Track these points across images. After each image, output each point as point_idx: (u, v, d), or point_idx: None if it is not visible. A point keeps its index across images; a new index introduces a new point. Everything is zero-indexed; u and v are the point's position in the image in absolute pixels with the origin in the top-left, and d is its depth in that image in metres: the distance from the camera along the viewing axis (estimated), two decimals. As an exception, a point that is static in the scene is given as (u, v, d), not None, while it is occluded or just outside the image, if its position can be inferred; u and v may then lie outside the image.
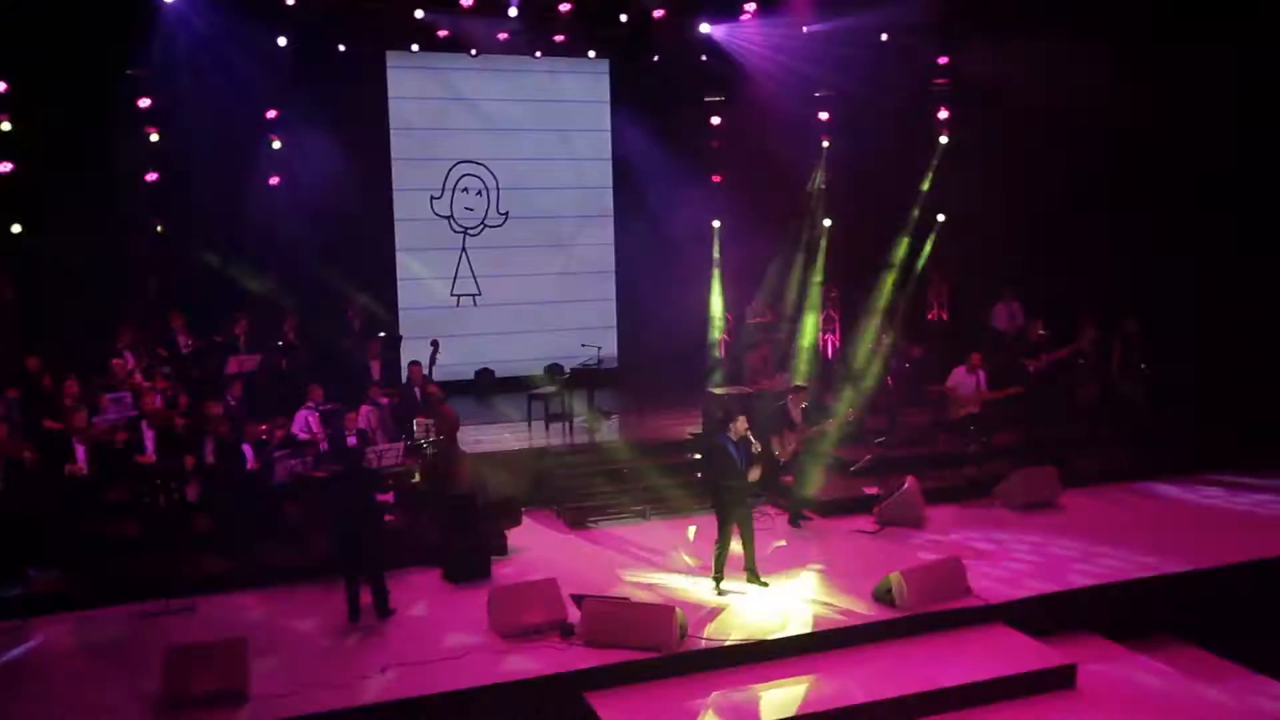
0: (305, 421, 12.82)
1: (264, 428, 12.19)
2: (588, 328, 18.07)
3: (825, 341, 18.12)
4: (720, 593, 10.72)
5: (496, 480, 13.50)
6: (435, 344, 14.47)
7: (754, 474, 10.85)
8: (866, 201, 18.21)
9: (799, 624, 9.99)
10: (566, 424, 15.23)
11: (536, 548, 12.36)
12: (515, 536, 12.46)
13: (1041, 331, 15.77)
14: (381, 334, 15.30)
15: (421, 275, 17.99)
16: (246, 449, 11.88)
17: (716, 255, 18.59)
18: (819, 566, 11.57)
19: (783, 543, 12.45)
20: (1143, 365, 15.53)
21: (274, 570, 11.20)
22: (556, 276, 18.88)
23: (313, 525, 11.42)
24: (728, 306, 18.21)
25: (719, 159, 18.86)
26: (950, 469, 14.50)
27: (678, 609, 9.53)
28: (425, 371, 13.91)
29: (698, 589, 10.89)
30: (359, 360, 14.57)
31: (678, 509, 13.54)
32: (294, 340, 14.85)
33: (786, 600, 10.57)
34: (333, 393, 13.58)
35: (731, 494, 10.68)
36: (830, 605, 10.41)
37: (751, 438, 10.60)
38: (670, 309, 18.28)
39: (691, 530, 12.84)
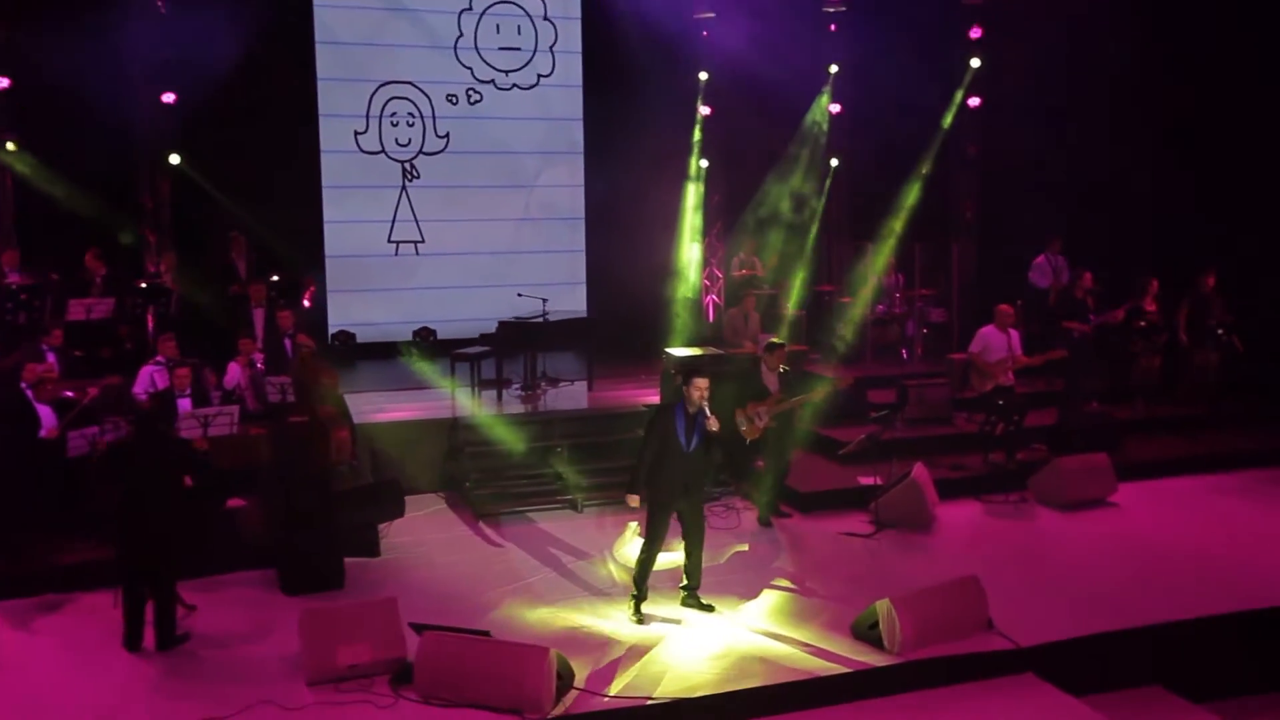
0: (150, 380, 9.72)
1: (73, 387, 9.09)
2: (552, 284, 14.77)
3: (821, 298, 14.75)
4: (640, 621, 7.50)
5: (390, 459, 10.37)
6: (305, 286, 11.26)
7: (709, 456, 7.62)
8: (880, 136, 14.87)
9: (747, 674, 6.75)
10: (498, 391, 12.00)
11: (424, 547, 9.20)
12: (400, 531, 9.32)
13: (1090, 286, 12.28)
14: (274, 277, 12.12)
15: (352, 218, 14.79)
16: (45, 411, 8.79)
17: (699, 200, 15.29)
18: (787, 585, 8.31)
19: (744, 547, 9.19)
20: (1220, 331, 12.02)
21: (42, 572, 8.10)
22: (515, 223, 15.62)
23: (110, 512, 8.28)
24: (710, 258, 14.90)
25: (708, 88, 15.51)
26: (971, 455, 11.13)
27: (554, 653, 6.32)
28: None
29: (616, 616, 7.66)
30: (245, 309, 11.42)
31: (618, 502, 10.31)
32: (166, 283, 11.73)
33: (734, 635, 7.33)
34: (202, 347, 10.54)
35: (669, 480, 7.47)
36: (796, 644, 7.18)
37: (708, 409, 7.34)
38: (650, 262, 15.08)
39: (634, 528, 9.61)
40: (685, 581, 7.76)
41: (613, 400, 12.00)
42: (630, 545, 9.28)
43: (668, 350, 11.58)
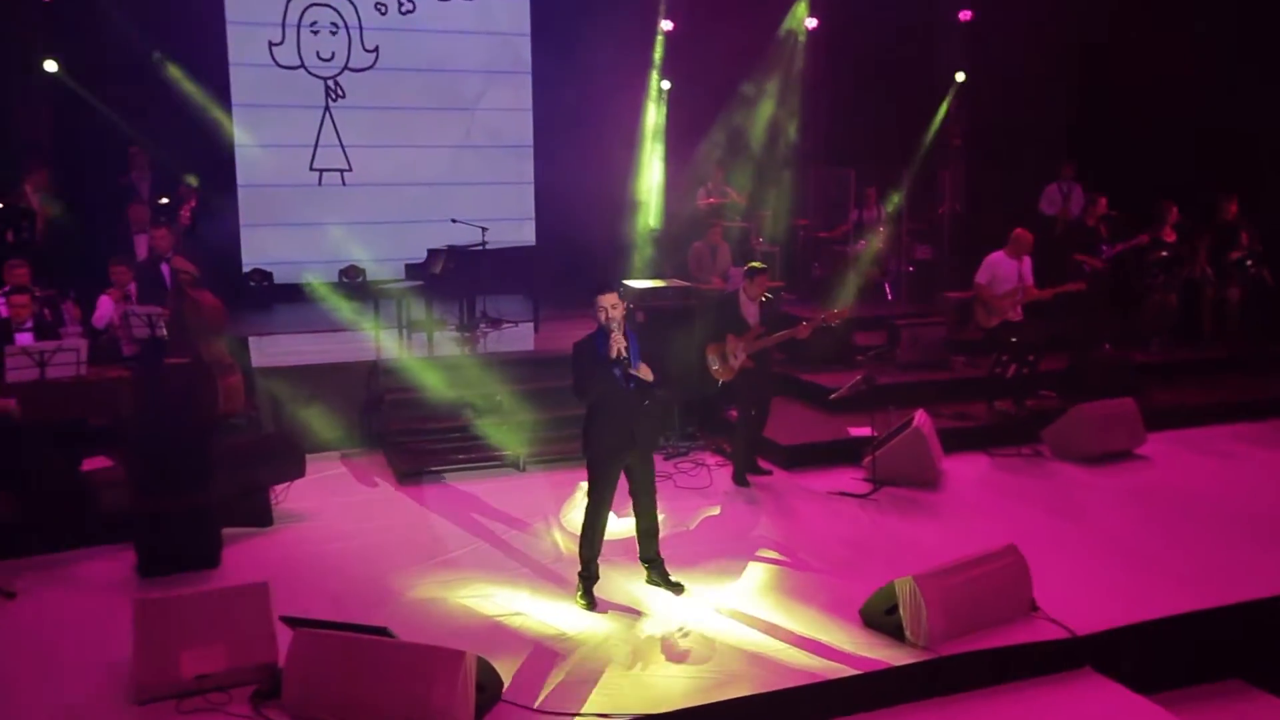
0: (-7, 312, 7.80)
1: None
2: (496, 218, 12.84)
3: (798, 232, 13.06)
4: (589, 606, 5.81)
5: (296, 411, 8.57)
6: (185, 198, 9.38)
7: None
8: (864, 52, 13.14)
9: (730, 678, 5.07)
10: (429, 333, 10.20)
11: (329, 515, 7.42)
12: (302, 496, 7.54)
13: (1105, 213, 10.68)
14: (163, 199, 10.18)
15: (268, 142, 12.82)
16: None
17: (660, 124, 13.49)
18: (774, 556, 6.65)
19: (717, 511, 7.53)
20: (1249, 263, 10.49)
21: None
22: (454, 151, 13.72)
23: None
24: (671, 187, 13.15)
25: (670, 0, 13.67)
26: (973, 403, 9.55)
27: (472, 657, 4.60)
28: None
29: (560, 601, 5.96)
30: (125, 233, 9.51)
31: (571, 457, 8.62)
32: (34, 205, 9.77)
33: (711, 623, 5.66)
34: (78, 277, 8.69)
35: (611, 427, 5.77)
36: (792, 635, 5.52)
37: (621, 339, 5.68)
38: (607, 193, 13.29)
39: (583, 492, 7.91)
40: (641, 553, 6.09)
41: (563, 344, 10.20)
42: (579, 507, 7.59)
43: (626, 283, 9.82)
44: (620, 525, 6.39)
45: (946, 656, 5.15)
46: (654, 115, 13.27)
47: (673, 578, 6.07)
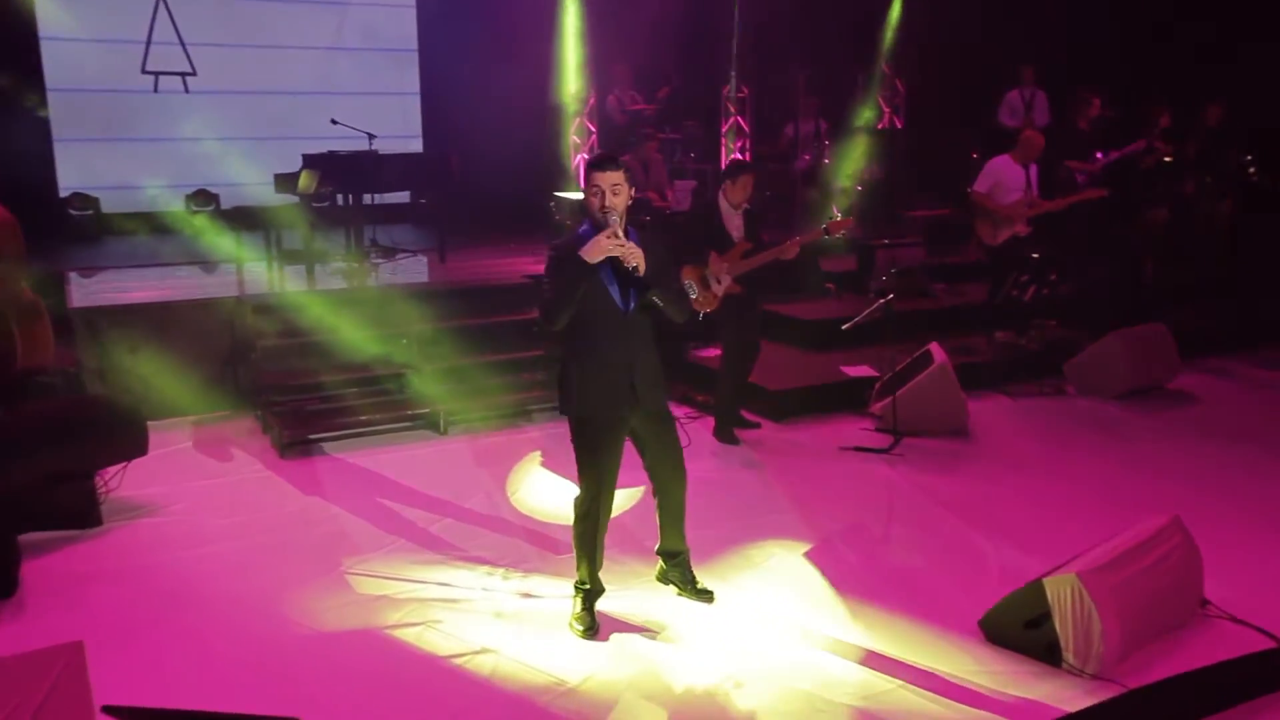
0: None
1: None
2: (376, 135, 10.58)
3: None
4: (589, 633, 3.94)
5: (134, 366, 6.32)
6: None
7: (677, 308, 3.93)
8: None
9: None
10: (308, 265, 7.98)
11: (182, 506, 5.28)
12: (143, 481, 5.37)
13: (1098, 115, 9.21)
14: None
15: (85, 35, 10.15)
16: None
17: (579, 22, 11.36)
18: (806, 539, 4.87)
19: (710, 479, 5.69)
20: (1252, 170, 9.22)
21: None
22: (323, 54, 11.32)
23: None
24: (592, 91, 11.10)
25: None
26: (969, 335, 7.99)
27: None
28: None
29: (541, 626, 4.04)
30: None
31: (505, 414, 6.69)
32: None
33: (768, 655, 3.83)
34: None
35: (604, 374, 3.83)
36: (887, 664, 3.73)
37: (617, 230, 3.70)
38: (515, 105, 11.14)
39: (535, 457, 6.01)
40: (662, 545, 4.22)
41: (478, 274, 8.17)
42: (532, 480, 5.65)
43: (558, 195, 7.81)
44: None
45: (1139, 690, 3.47)
46: (574, 13, 11.11)
47: (700, 583, 4.23)
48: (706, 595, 4.19)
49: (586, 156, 12.29)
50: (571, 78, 10.98)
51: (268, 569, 4.52)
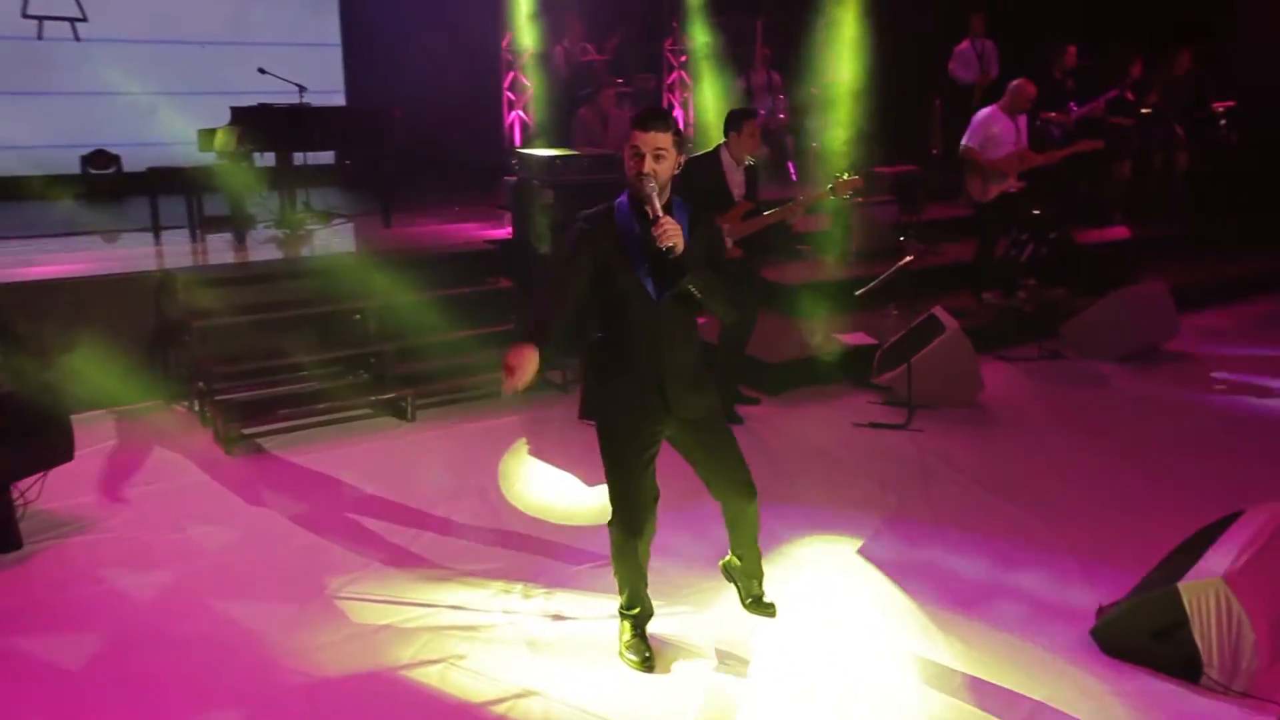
0: None
1: None
2: (291, 92, 9.55)
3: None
4: (644, 664, 3.29)
5: (44, 352, 5.39)
6: None
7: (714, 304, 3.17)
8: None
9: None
10: (237, 233, 7.06)
11: (119, 520, 4.45)
12: (67, 491, 4.52)
13: (1074, 65, 8.83)
14: None
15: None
16: None
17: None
18: (851, 535, 4.31)
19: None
20: (1223, 123, 8.98)
21: None
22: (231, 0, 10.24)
23: None
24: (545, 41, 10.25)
25: None
26: (954, 295, 7.54)
27: None
28: None
29: (583, 658, 3.38)
30: None
31: (477, 397, 5.98)
32: None
33: (871, 687, 3.25)
34: None
35: (633, 374, 3.13)
36: (1013, 700, 3.18)
37: (655, 201, 2.98)
38: (443, 56, 10.29)
39: (523, 450, 5.33)
40: (730, 558, 3.60)
41: (431, 240, 7.36)
42: (526, 474, 4.96)
43: (523, 151, 7.04)
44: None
45: (1295, 707, 3.02)
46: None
47: (765, 596, 3.63)
48: (769, 609, 3.60)
49: (522, 114, 11.52)
50: (522, 26, 10.10)
51: (235, 598, 3.76)
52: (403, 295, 6.17)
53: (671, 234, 2.93)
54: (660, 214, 2.95)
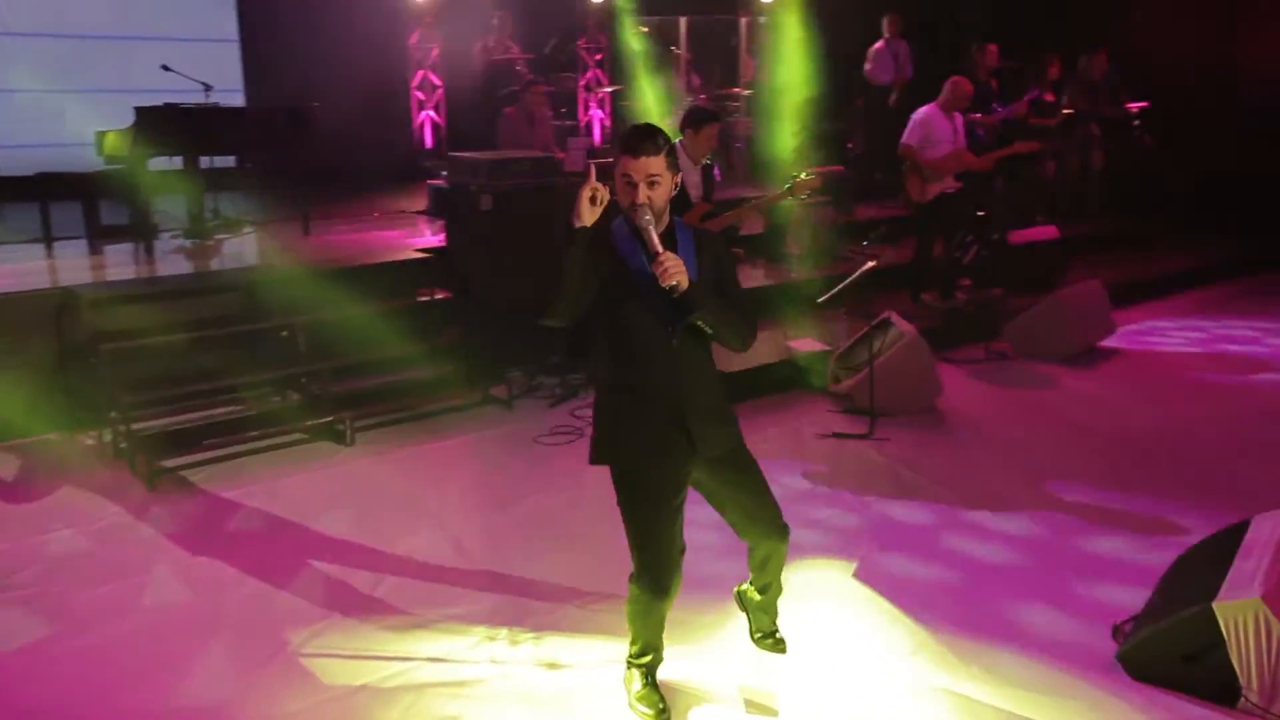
0: None
1: None
2: (188, 91, 8.89)
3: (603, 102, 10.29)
4: (657, 713, 2.99)
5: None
6: None
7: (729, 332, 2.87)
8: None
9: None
10: (142, 244, 6.50)
11: (29, 570, 3.96)
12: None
13: (997, 65, 8.88)
14: None
15: None
16: None
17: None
18: (842, 561, 4.10)
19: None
20: (1137, 123, 9.15)
21: None
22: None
23: None
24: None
25: None
26: (893, 296, 7.46)
27: None
28: None
29: (578, 715, 3.09)
30: None
31: (419, 417, 5.60)
32: None
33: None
34: None
35: (650, 412, 2.82)
36: None
37: (653, 236, 2.69)
38: (353, 52, 9.82)
39: (476, 477, 4.97)
40: (747, 587, 3.32)
41: (356, 249, 6.91)
42: (484, 501, 4.61)
43: (458, 155, 6.64)
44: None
45: (1344, 729, 2.92)
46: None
47: (780, 635, 3.38)
48: (781, 645, 3.35)
49: (433, 114, 11.10)
50: (432, 22, 9.69)
51: (183, 662, 3.33)
52: (333, 310, 5.74)
53: (674, 272, 2.63)
54: (659, 249, 2.65)
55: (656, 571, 2.84)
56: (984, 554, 4.10)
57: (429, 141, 11.22)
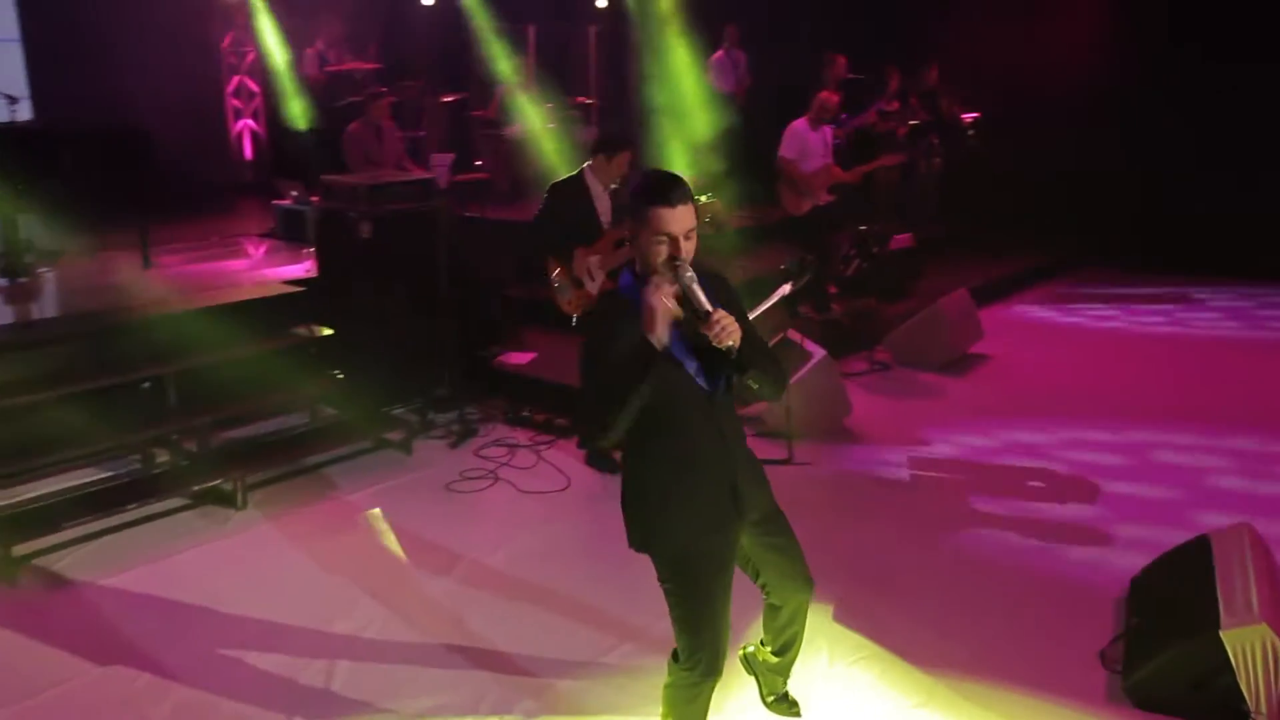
0: None
1: None
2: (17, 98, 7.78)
3: (448, 110, 9.83)
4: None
5: None
6: None
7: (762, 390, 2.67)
8: None
9: None
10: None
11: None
12: None
13: (845, 76, 9.08)
14: None
15: None
16: None
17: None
18: (818, 609, 4.01)
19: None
20: (971, 133, 9.60)
21: None
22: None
23: None
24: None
25: None
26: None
27: None
28: None
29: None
30: None
31: (314, 466, 5.12)
32: None
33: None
34: None
35: (691, 481, 2.59)
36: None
37: (699, 293, 2.40)
38: (153, 54, 9.00)
39: (388, 535, 4.55)
40: (761, 653, 3.16)
41: (208, 282, 6.24)
42: (417, 566, 4.22)
43: (332, 179, 6.10)
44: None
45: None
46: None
47: (791, 694, 3.23)
48: (794, 708, 3.21)
49: (252, 123, 10.34)
50: (265, 31, 8.94)
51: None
52: (201, 354, 5.13)
53: (731, 331, 2.37)
54: (711, 308, 2.38)
55: (714, 653, 2.64)
56: (953, 584, 4.09)
57: (248, 153, 10.43)
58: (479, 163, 9.41)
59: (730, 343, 2.38)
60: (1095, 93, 9.70)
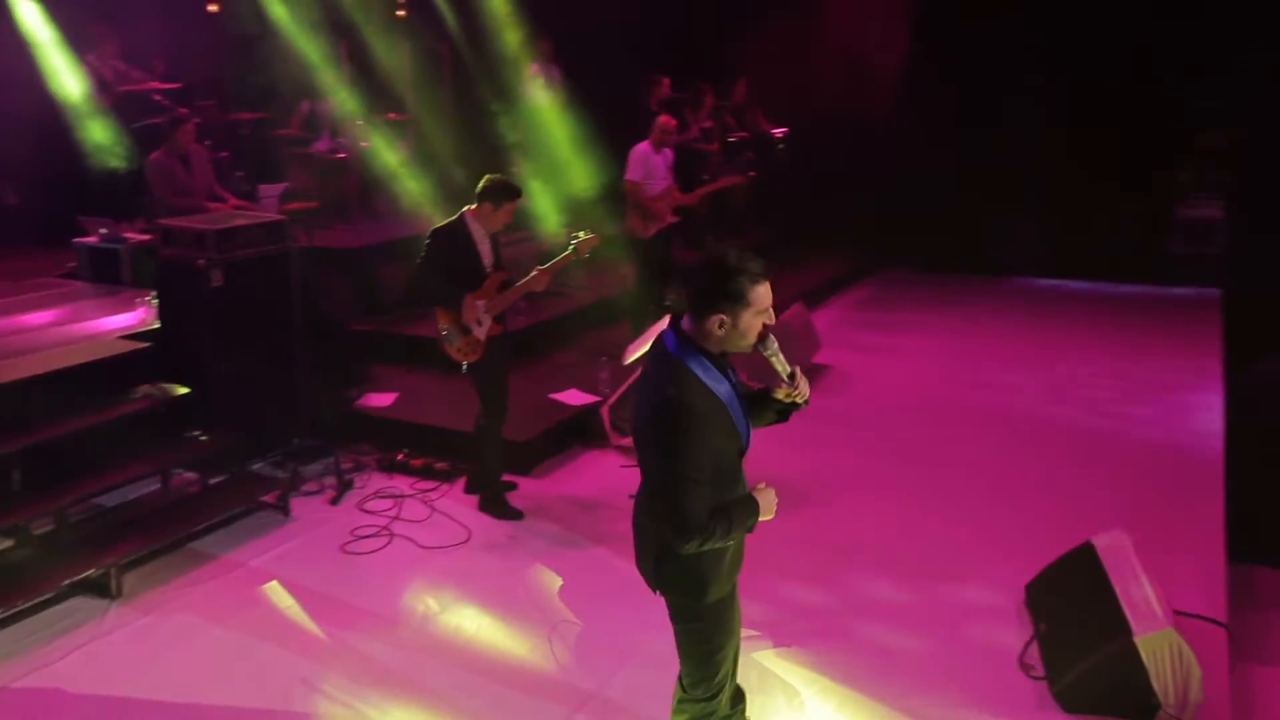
0: None
1: None
2: None
3: (248, 129, 9.27)
4: None
5: None
6: None
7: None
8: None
9: None
10: None
11: None
12: None
13: (669, 96, 9.31)
14: None
15: None
16: None
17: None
18: (763, 649, 4.16)
19: (554, 581, 4.63)
20: (781, 147, 10.09)
21: None
22: None
23: None
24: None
25: None
26: (618, 331, 7.62)
27: None
28: None
29: None
30: None
31: (189, 536, 4.79)
32: None
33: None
34: None
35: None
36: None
37: (792, 368, 2.81)
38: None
39: (291, 605, 4.33)
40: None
41: (13, 339, 5.62)
42: (338, 640, 4.05)
43: (172, 225, 5.64)
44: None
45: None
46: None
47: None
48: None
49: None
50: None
51: None
52: (35, 429, 4.65)
53: (805, 387, 2.79)
54: (791, 367, 2.76)
55: (725, 680, 2.84)
56: (872, 603, 4.34)
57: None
58: (287, 184, 8.87)
59: (806, 398, 2.75)
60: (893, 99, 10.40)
